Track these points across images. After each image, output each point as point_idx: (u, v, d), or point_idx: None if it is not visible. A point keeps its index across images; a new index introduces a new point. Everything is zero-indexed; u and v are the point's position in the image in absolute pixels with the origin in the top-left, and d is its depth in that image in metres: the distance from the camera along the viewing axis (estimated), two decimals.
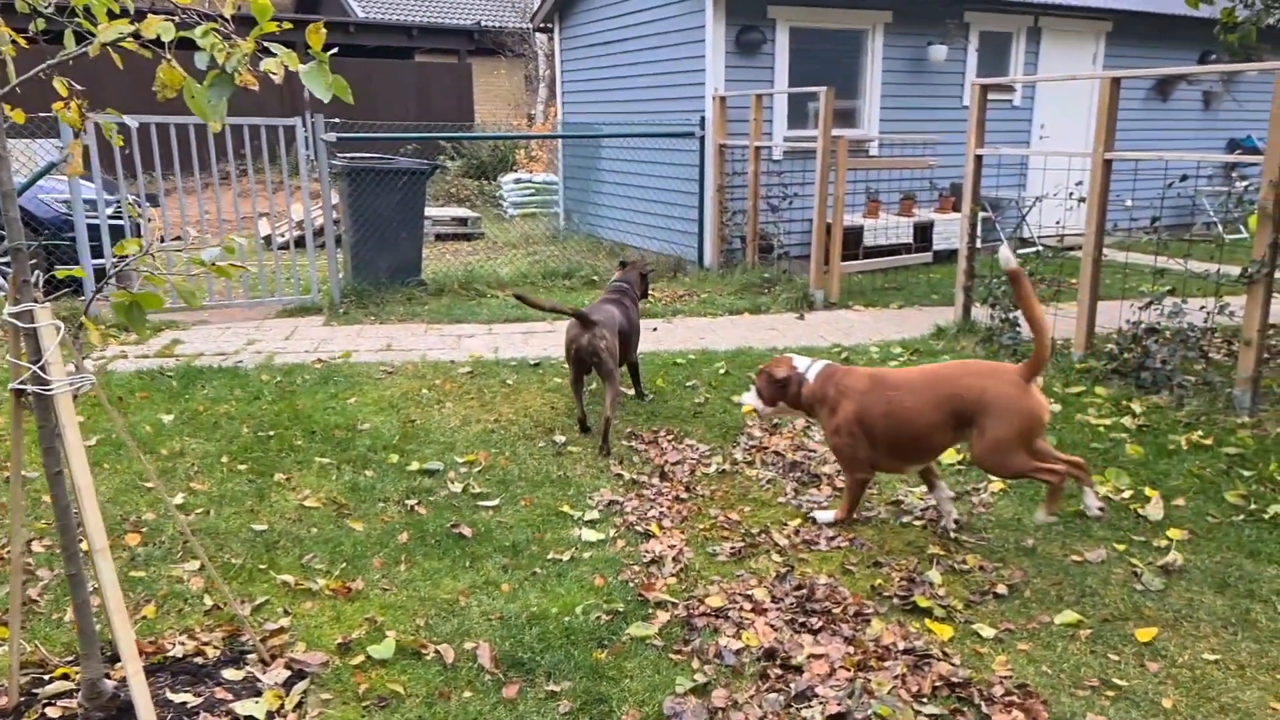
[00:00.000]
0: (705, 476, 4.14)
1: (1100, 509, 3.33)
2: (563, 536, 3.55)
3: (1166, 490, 3.90)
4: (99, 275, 6.93)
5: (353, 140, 8.13)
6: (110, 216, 7.14)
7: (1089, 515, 3.38)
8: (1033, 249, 7.11)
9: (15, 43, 2.18)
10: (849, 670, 2.66)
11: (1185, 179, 5.68)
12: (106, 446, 4.32)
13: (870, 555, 3.40)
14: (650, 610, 3.00)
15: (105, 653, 2.57)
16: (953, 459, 4.19)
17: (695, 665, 2.71)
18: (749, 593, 3.10)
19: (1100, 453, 4.33)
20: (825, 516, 3.67)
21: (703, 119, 8.72)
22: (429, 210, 11.64)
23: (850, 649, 2.77)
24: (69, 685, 2.51)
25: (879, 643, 2.80)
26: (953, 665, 2.70)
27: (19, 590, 2.41)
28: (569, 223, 11.90)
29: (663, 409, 5.02)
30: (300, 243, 10.01)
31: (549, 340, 6.44)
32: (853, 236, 8.52)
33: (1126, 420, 4.71)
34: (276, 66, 2.11)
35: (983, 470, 3.50)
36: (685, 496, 3.92)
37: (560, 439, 4.54)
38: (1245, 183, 6.72)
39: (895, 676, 2.63)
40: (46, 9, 2.20)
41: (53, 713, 2.41)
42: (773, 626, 2.89)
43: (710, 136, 8.71)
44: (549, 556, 3.38)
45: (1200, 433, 4.52)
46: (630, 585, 3.16)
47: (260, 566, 3.27)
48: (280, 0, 25.37)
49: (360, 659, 2.71)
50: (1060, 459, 3.35)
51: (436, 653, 2.75)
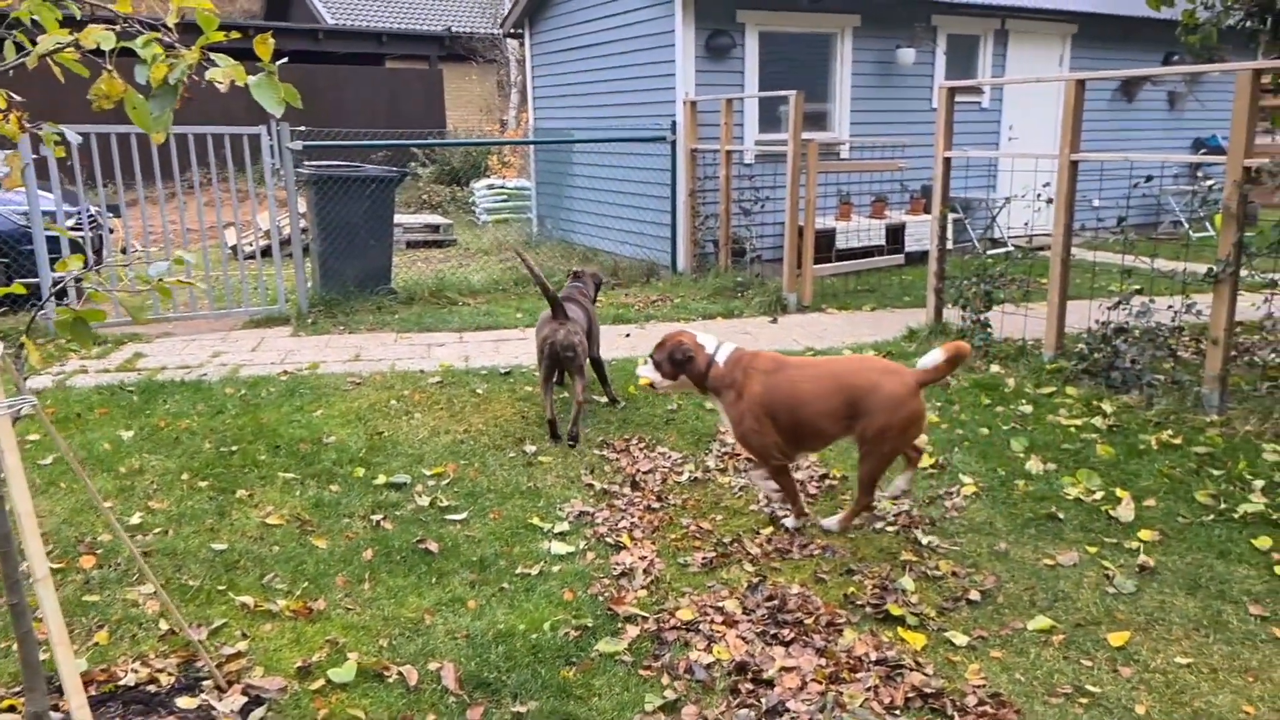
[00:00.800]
0: (677, 485, 4.09)
1: (903, 492, 3.68)
2: (532, 550, 3.48)
3: (1137, 491, 3.90)
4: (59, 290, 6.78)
5: (323, 148, 8.01)
6: (71, 228, 6.99)
7: (884, 493, 3.67)
8: (1003, 249, 7.14)
9: None
10: (821, 683, 2.62)
11: (1151, 179, 5.72)
12: (62, 465, 4.20)
13: (843, 563, 3.37)
14: (620, 625, 2.95)
15: (54, 683, 2.48)
16: (926, 464, 4.17)
17: (665, 681, 2.66)
18: (720, 604, 3.06)
19: (1072, 454, 4.32)
20: (792, 522, 3.65)
21: (674, 124, 8.69)
22: (400, 217, 11.51)
23: (822, 661, 2.73)
24: (15, 718, 2.41)
25: (851, 653, 2.76)
26: (925, 675, 2.66)
27: None
28: (542, 228, 11.82)
29: (634, 416, 4.97)
30: (267, 252, 9.88)
31: (520, 348, 6.37)
32: (825, 239, 8.53)
33: (1097, 420, 4.72)
34: (222, 76, 2.04)
35: (860, 458, 3.48)
36: (657, 506, 3.87)
37: (531, 449, 4.47)
38: (1210, 182, 6.77)
39: (868, 689, 2.59)
40: None
41: None
42: (744, 639, 2.84)
43: (682, 141, 8.68)
44: (517, 571, 3.31)
45: (1170, 432, 4.54)
46: (600, 599, 3.11)
47: (219, 587, 3.18)
48: (248, 7, 25.12)
49: (320, 683, 2.63)
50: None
51: (399, 675, 2.67)
